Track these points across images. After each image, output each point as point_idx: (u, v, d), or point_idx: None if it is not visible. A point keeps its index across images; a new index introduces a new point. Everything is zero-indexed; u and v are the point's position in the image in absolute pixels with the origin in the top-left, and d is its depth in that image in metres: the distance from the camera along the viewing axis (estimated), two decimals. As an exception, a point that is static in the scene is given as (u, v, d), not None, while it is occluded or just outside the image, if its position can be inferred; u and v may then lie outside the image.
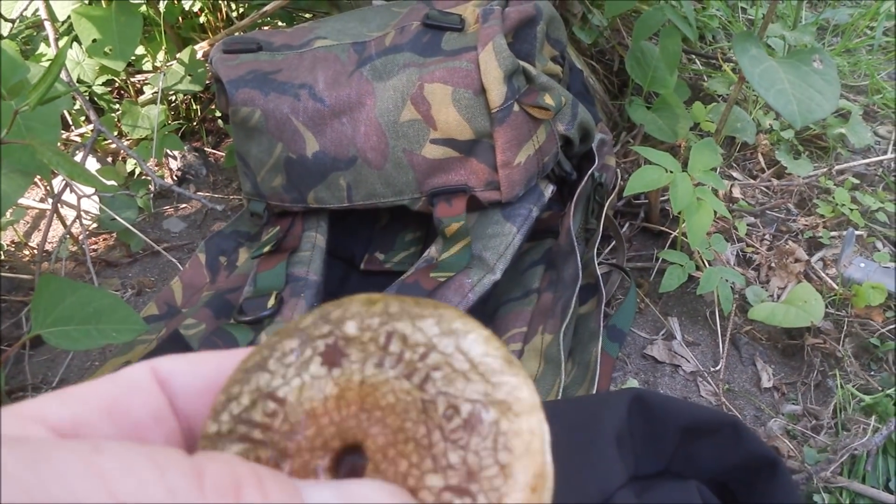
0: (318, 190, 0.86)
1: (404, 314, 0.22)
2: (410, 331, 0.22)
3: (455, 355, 0.21)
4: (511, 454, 0.19)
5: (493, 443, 0.20)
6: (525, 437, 0.20)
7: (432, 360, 0.21)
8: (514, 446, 0.20)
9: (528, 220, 0.83)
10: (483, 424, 0.20)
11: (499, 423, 0.20)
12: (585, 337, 0.81)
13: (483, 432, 0.20)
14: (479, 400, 0.20)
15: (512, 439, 0.20)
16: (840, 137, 1.22)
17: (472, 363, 0.21)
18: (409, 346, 0.21)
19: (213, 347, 0.71)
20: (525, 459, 0.19)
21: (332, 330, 0.22)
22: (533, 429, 0.20)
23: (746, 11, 1.57)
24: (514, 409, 0.20)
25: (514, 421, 0.20)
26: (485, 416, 0.20)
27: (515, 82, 0.78)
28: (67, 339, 0.68)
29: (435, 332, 0.21)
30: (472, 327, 0.22)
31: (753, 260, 1.00)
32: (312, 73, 0.84)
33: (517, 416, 0.20)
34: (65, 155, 0.66)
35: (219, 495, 0.17)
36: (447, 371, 0.21)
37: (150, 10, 1.16)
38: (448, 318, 0.22)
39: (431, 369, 0.21)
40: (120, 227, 1.06)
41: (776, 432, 0.80)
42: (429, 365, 0.21)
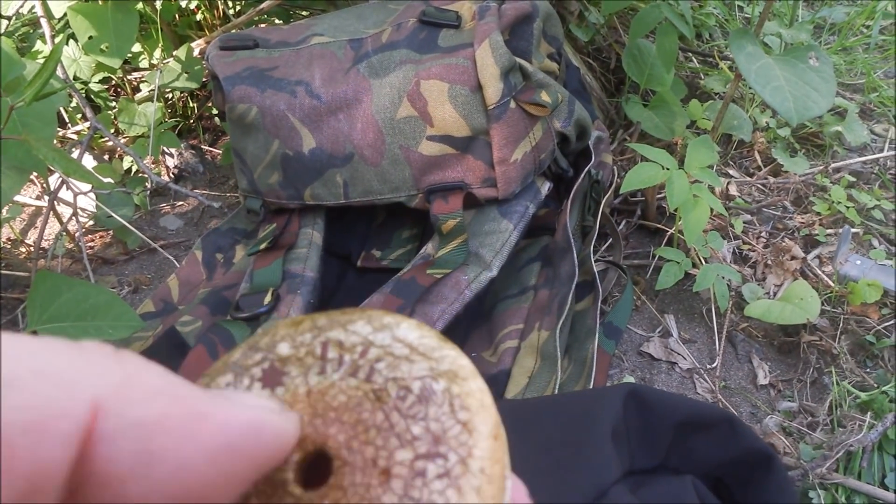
0: (315, 187, 0.86)
1: (334, 323, 0.23)
2: (344, 336, 0.23)
3: (393, 344, 0.22)
4: (469, 412, 0.21)
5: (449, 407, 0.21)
6: (477, 395, 0.21)
7: (373, 354, 0.22)
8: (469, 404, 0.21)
9: (525, 217, 0.83)
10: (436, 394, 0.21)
11: (450, 389, 0.21)
12: (582, 334, 0.82)
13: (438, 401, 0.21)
14: (426, 375, 0.22)
15: (466, 399, 0.21)
16: (836, 135, 1.22)
17: (410, 347, 0.22)
18: (346, 350, 0.22)
19: (209, 344, 0.71)
20: (482, 413, 0.21)
21: (265, 355, 0.23)
22: (481, 387, 0.22)
23: (743, 9, 1.57)
24: (461, 374, 0.22)
25: (462, 385, 0.22)
26: (436, 386, 0.21)
27: (512, 79, 0.78)
28: (63, 335, 0.68)
29: (368, 331, 0.23)
30: (402, 319, 0.23)
31: (750, 257, 1.00)
32: (309, 69, 0.84)
33: (465, 379, 0.22)
34: (61, 151, 0.66)
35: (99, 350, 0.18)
36: (389, 360, 0.22)
37: (146, 8, 1.15)
38: (377, 316, 0.23)
39: (374, 362, 0.22)
40: (116, 224, 1.06)
41: (772, 429, 0.80)
42: (370, 359, 0.22)
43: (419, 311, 0.74)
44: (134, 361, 0.18)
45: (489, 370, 0.76)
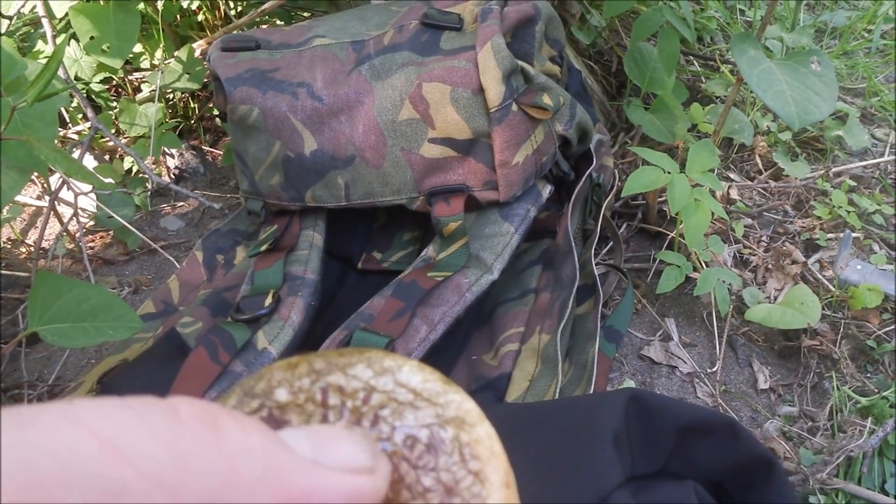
0: (316, 189, 0.86)
1: (332, 367, 0.22)
2: (344, 381, 0.22)
3: (396, 390, 0.22)
4: (479, 461, 0.20)
5: (459, 456, 0.21)
6: (486, 443, 0.21)
7: (376, 400, 0.22)
8: (479, 453, 0.21)
9: (526, 220, 0.83)
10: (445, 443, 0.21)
11: (459, 437, 0.21)
12: (582, 337, 0.81)
13: (447, 450, 0.21)
14: (433, 423, 0.21)
15: (476, 447, 0.21)
16: (837, 140, 1.22)
17: (414, 392, 0.22)
18: (348, 395, 0.22)
19: (209, 346, 0.71)
20: (493, 461, 0.21)
21: (263, 402, 0.22)
22: (489, 433, 0.21)
23: (745, 13, 1.57)
24: (468, 420, 0.21)
25: (471, 432, 0.21)
26: (444, 435, 0.21)
27: (514, 82, 0.78)
28: (63, 336, 0.67)
29: (369, 375, 0.22)
30: (403, 361, 0.23)
31: (750, 261, 1.00)
32: (311, 71, 0.84)
33: (472, 426, 0.21)
34: (62, 152, 0.66)
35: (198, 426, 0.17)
36: (394, 406, 0.21)
37: (147, 8, 1.15)
38: (377, 359, 0.22)
39: (378, 409, 0.21)
40: (117, 224, 1.06)
41: (772, 434, 0.80)
42: (374, 406, 0.21)
43: (420, 314, 0.74)
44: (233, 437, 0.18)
45: (490, 373, 0.76)
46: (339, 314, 0.81)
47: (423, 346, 0.71)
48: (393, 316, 0.73)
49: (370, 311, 0.75)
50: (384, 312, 0.74)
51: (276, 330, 0.74)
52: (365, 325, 0.73)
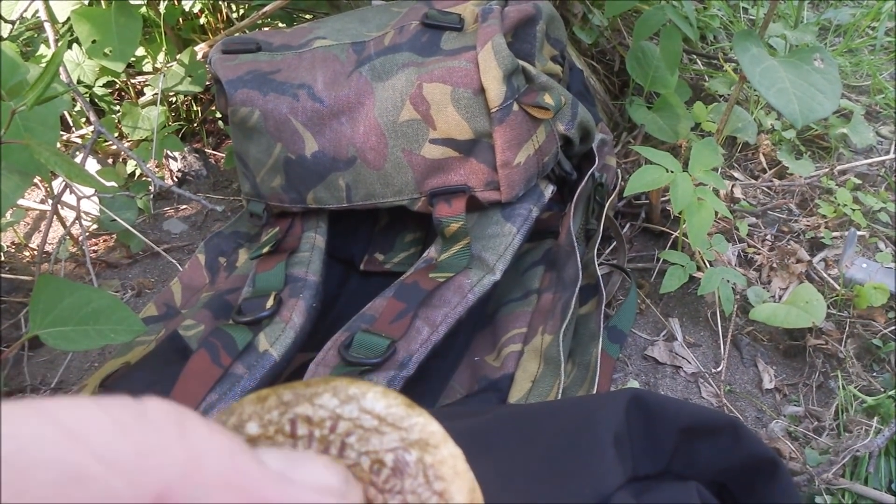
0: (318, 190, 0.85)
1: (299, 398, 0.23)
2: (311, 411, 0.23)
3: (361, 416, 0.22)
4: (444, 481, 0.21)
5: (424, 478, 0.21)
6: (450, 462, 0.22)
7: (342, 428, 0.22)
8: (443, 473, 0.21)
9: (528, 221, 0.82)
10: (410, 466, 0.21)
11: (423, 459, 0.22)
12: (585, 338, 0.81)
13: (412, 472, 0.21)
14: (398, 447, 0.22)
15: (439, 468, 0.21)
16: (842, 137, 1.22)
17: (379, 418, 0.22)
18: (315, 425, 0.22)
19: (211, 348, 0.71)
20: (457, 481, 0.21)
21: None
22: (453, 453, 0.22)
23: (748, 11, 1.57)
24: (431, 442, 0.22)
25: (434, 453, 0.22)
26: (408, 457, 0.22)
27: (515, 82, 0.78)
28: (65, 339, 0.67)
29: (335, 404, 0.23)
30: (367, 388, 0.23)
31: (755, 260, 1.00)
32: (311, 73, 0.84)
33: (436, 447, 0.22)
34: (63, 155, 0.66)
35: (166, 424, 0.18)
36: (360, 433, 0.22)
37: (149, 12, 1.15)
38: (342, 387, 0.23)
39: (345, 436, 0.22)
40: (120, 228, 1.06)
41: (777, 434, 0.80)
42: (340, 434, 0.22)
43: (422, 315, 0.73)
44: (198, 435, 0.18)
45: (492, 374, 0.76)
46: (340, 316, 0.80)
47: (425, 348, 0.71)
48: (395, 317, 0.73)
49: (372, 313, 0.75)
50: (386, 314, 0.74)
51: (277, 332, 0.74)
52: (367, 326, 0.73)
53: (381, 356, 0.69)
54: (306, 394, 0.23)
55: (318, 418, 0.22)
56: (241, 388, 0.69)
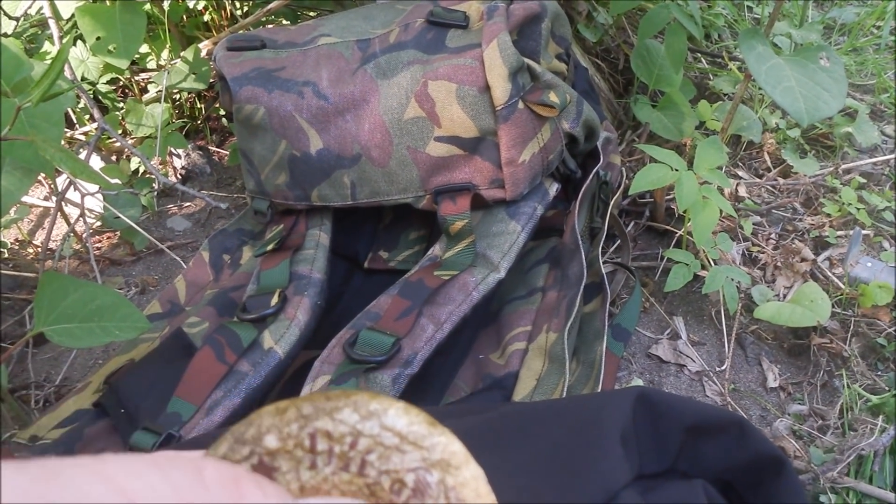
0: (322, 188, 0.85)
1: (319, 412, 0.23)
2: (332, 426, 0.22)
3: (382, 434, 0.22)
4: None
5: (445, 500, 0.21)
6: (471, 485, 0.21)
7: (363, 445, 0.22)
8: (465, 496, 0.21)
9: (533, 219, 0.82)
10: (431, 487, 0.21)
11: (444, 481, 0.21)
12: (590, 336, 0.81)
13: (433, 494, 0.21)
14: (419, 467, 0.21)
15: (461, 491, 0.21)
16: (847, 136, 1.22)
17: (400, 436, 0.22)
18: (335, 440, 0.22)
19: (216, 345, 0.71)
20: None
21: (253, 449, 0.22)
22: (475, 475, 0.22)
23: (753, 10, 1.56)
24: (454, 463, 0.22)
25: (456, 475, 0.21)
26: (430, 478, 0.21)
27: (520, 80, 0.78)
28: (70, 336, 0.67)
29: (356, 419, 0.22)
30: (389, 404, 0.23)
31: (759, 259, 1.00)
32: (316, 70, 0.84)
33: (458, 468, 0.21)
34: (68, 152, 0.66)
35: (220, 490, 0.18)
36: (380, 450, 0.22)
37: (154, 9, 1.15)
38: (363, 402, 0.23)
39: (365, 454, 0.22)
40: (124, 225, 1.06)
41: (782, 432, 0.80)
42: (361, 451, 0.22)
43: (426, 313, 0.73)
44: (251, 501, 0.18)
45: (497, 372, 0.76)
46: (345, 313, 0.80)
47: (430, 345, 0.71)
48: (399, 315, 0.73)
49: (376, 310, 0.75)
50: (390, 311, 0.74)
51: (282, 329, 0.74)
52: (371, 324, 0.73)
53: (386, 354, 0.69)
54: (326, 408, 0.22)
55: (339, 434, 0.22)
56: (247, 385, 0.69)
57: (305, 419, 0.22)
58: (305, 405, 0.23)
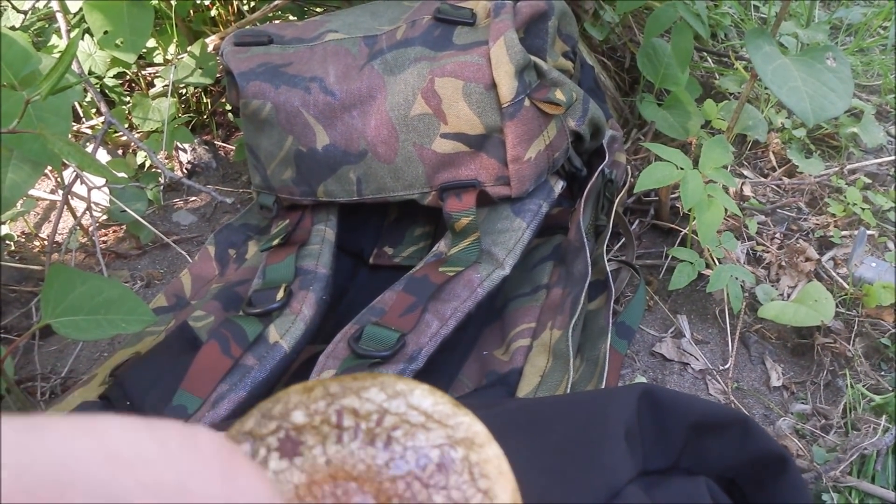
0: (328, 183, 0.86)
1: (347, 391, 0.23)
2: (359, 403, 0.23)
3: (409, 412, 0.23)
4: (488, 479, 0.21)
5: (469, 475, 0.21)
6: (494, 462, 0.22)
7: (389, 422, 0.23)
8: (488, 472, 0.22)
9: (538, 216, 0.82)
10: (455, 462, 0.22)
11: (468, 457, 0.22)
12: (594, 333, 0.81)
13: (457, 469, 0.22)
14: (443, 443, 0.22)
15: (485, 466, 0.22)
16: (852, 137, 1.22)
17: (426, 414, 0.23)
18: (362, 417, 0.23)
19: (221, 339, 0.71)
20: (501, 480, 0.22)
21: (280, 424, 0.23)
22: (497, 454, 0.22)
23: (759, 9, 1.56)
24: (477, 441, 0.22)
25: (480, 452, 0.22)
26: (454, 455, 0.22)
27: (527, 77, 0.78)
28: (76, 328, 0.68)
29: (383, 398, 0.23)
30: (415, 385, 0.23)
31: (764, 258, 1.00)
32: (323, 66, 0.84)
33: (481, 446, 0.22)
34: (76, 145, 0.66)
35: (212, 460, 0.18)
36: (406, 428, 0.22)
37: (161, 3, 1.16)
38: (390, 383, 0.23)
39: (391, 430, 0.22)
40: (130, 219, 1.07)
41: (785, 431, 0.80)
42: (387, 427, 0.22)
43: (431, 309, 0.73)
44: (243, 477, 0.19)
45: (501, 369, 0.76)
46: (350, 308, 0.81)
47: (435, 341, 0.71)
48: (404, 310, 0.73)
49: (381, 306, 0.75)
50: (395, 307, 0.74)
51: (287, 324, 0.74)
52: (376, 319, 0.73)
53: (391, 349, 0.69)
54: (353, 387, 0.23)
55: (365, 411, 0.22)
56: (252, 379, 0.70)
57: (332, 397, 0.23)
58: (333, 384, 0.23)
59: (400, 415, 0.22)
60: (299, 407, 0.23)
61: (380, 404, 0.23)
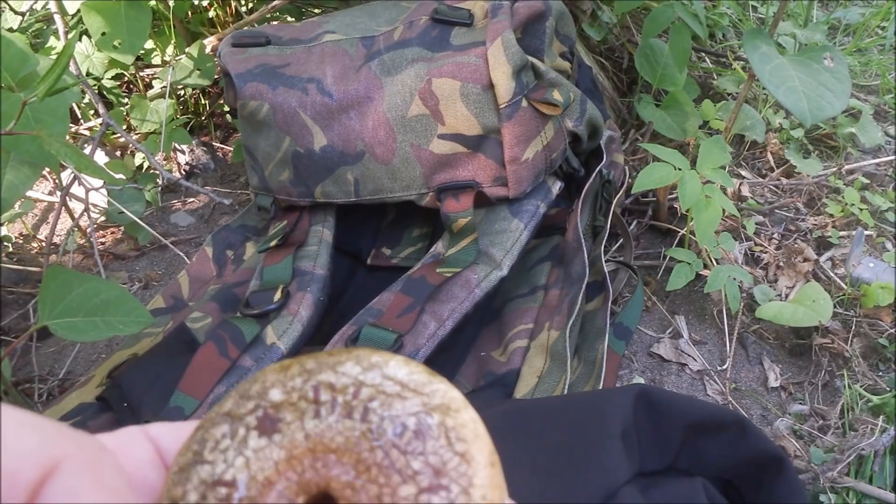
0: (326, 184, 0.86)
1: (322, 366, 0.23)
2: (335, 378, 0.23)
3: (384, 383, 0.23)
4: (465, 443, 0.22)
5: (446, 440, 0.22)
6: (471, 426, 0.22)
7: (365, 394, 0.23)
8: (464, 435, 0.22)
9: (536, 217, 0.82)
10: (432, 428, 0.22)
11: (445, 423, 0.22)
12: (592, 334, 0.81)
13: (434, 434, 0.22)
14: (419, 411, 0.22)
15: (461, 430, 0.22)
16: (850, 137, 1.22)
17: (402, 384, 0.23)
18: (338, 391, 0.23)
19: (219, 340, 0.71)
20: (478, 442, 0.22)
21: (258, 403, 0.23)
22: (474, 418, 0.23)
23: (757, 10, 1.56)
24: (453, 406, 0.23)
25: (456, 417, 0.22)
26: (430, 421, 0.22)
27: (524, 78, 0.78)
28: (74, 330, 0.68)
29: (358, 371, 0.23)
30: (390, 357, 0.24)
31: (762, 259, 1.00)
32: (321, 67, 0.84)
33: (457, 411, 0.22)
34: (73, 147, 0.66)
35: None
36: (382, 398, 0.23)
37: (159, 5, 1.16)
38: (365, 356, 0.24)
39: (367, 401, 0.23)
40: (128, 220, 1.06)
41: (783, 432, 0.80)
42: (363, 399, 0.23)
43: (429, 310, 0.73)
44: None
45: (498, 369, 0.76)
46: (347, 309, 0.81)
47: (432, 342, 0.71)
48: (402, 311, 0.73)
49: (379, 307, 0.75)
50: (393, 308, 0.74)
51: (284, 325, 0.74)
52: (373, 320, 0.73)
53: (389, 350, 0.69)
54: (329, 362, 0.23)
55: (342, 385, 0.23)
56: (249, 380, 0.70)
57: (309, 373, 0.23)
58: (309, 361, 0.24)
59: (375, 386, 0.23)
60: (276, 385, 0.23)
61: (355, 377, 0.23)
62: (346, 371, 0.23)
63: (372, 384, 0.23)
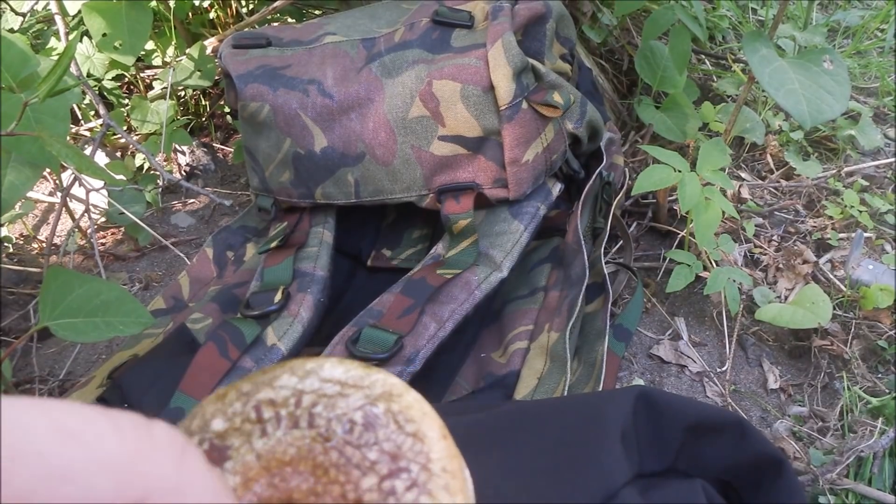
0: (326, 185, 0.86)
1: (259, 385, 0.24)
2: (273, 393, 0.23)
3: (323, 386, 0.23)
4: (414, 423, 0.22)
5: (395, 424, 0.22)
6: (416, 406, 0.23)
7: (307, 401, 0.23)
8: (412, 416, 0.22)
9: (536, 218, 0.83)
10: (379, 417, 0.22)
11: (390, 409, 0.23)
12: (591, 336, 0.81)
13: (383, 422, 0.22)
14: (364, 404, 0.23)
15: (408, 412, 0.22)
16: (849, 139, 1.22)
17: (341, 383, 0.23)
18: (280, 405, 0.23)
19: (219, 341, 0.72)
20: (427, 420, 0.22)
21: (202, 437, 0.23)
22: (417, 398, 0.23)
23: (757, 12, 1.56)
24: (395, 392, 0.23)
25: (399, 400, 0.23)
26: (376, 410, 0.23)
27: (524, 80, 0.78)
28: (74, 331, 0.68)
29: (295, 381, 0.23)
30: (323, 360, 0.24)
31: (761, 261, 1.00)
32: (321, 68, 0.84)
33: (400, 395, 0.23)
34: (74, 148, 0.66)
35: (166, 450, 0.18)
36: (325, 401, 0.23)
37: (160, 6, 1.16)
38: (298, 366, 0.24)
39: (311, 407, 0.23)
40: (128, 221, 1.07)
41: (782, 434, 0.80)
42: (306, 406, 0.23)
43: (429, 311, 0.74)
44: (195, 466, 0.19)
45: (498, 371, 0.76)
46: (348, 311, 0.81)
47: (432, 344, 0.71)
48: (402, 313, 0.73)
49: (379, 308, 0.75)
50: (393, 309, 0.74)
51: (285, 326, 0.74)
52: (374, 321, 0.73)
53: (389, 351, 0.69)
54: (265, 380, 0.24)
55: (282, 398, 0.23)
56: (249, 381, 0.70)
57: (247, 395, 0.23)
58: (244, 384, 0.24)
59: (315, 391, 0.23)
60: (216, 415, 0.23)
61: (294, 387, 0.23)
62: (283, 384, 0.23)
63: (311, 390, 0.23)
